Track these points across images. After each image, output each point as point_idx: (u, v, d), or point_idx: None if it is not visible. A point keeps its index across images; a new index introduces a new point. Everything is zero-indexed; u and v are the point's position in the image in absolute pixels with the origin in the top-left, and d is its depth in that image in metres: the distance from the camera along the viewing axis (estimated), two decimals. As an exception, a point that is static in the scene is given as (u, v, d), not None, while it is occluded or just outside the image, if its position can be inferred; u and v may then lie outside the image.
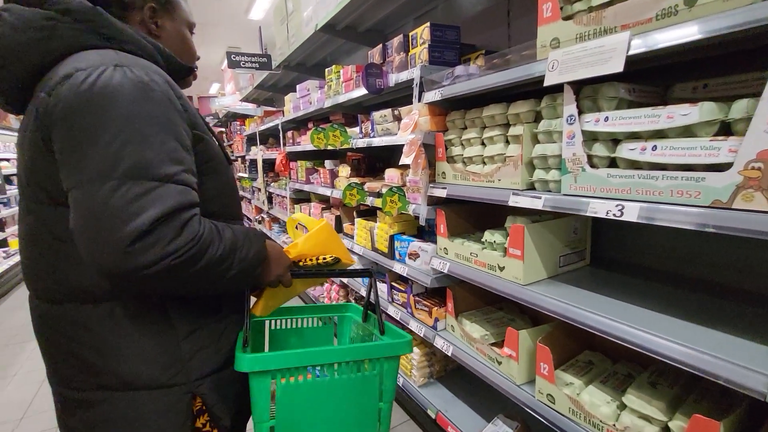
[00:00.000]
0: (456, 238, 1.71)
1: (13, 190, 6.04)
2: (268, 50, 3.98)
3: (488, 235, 1.52)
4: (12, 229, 5.87)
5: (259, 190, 5.11)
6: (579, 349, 1.42)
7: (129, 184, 0.62)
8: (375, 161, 2.90)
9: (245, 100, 5.60)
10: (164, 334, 0.77)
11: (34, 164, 0.70)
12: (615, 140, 1.04)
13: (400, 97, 2.36)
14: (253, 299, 0.94)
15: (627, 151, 0.98)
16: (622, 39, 0.90)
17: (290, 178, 3.69)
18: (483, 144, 1.52)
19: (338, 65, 2.56)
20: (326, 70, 2.65)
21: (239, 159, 6.45)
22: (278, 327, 1.13)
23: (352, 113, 2.86)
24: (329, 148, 2.45)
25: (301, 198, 3.84)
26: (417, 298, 1.99)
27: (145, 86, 0.67)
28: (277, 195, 4.40)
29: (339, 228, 2.81)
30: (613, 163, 1.05)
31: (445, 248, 1.71)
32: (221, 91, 8.05)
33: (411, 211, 1.83)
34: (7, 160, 6.23)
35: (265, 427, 0.80)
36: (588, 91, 1.08)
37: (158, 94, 0.68)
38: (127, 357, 0.74)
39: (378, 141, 2.02)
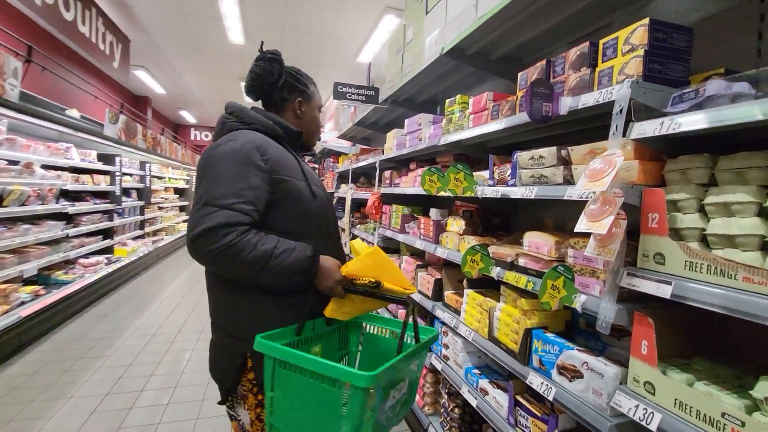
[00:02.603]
0: (671, 367, 0.98)
1: (128, 202, 6.51)
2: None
3: (771, 391, 0.78)
4: (120, 237, 6.24)
5: (343, 230, 4.75)
6: None
7: (203, 209, 1.04)
8: (491, 216, 2.28)
9: (342, 137, 5.44)
10: (241, 302, 1.14)
11: None
12: None
13: (557, 135, 1.73)
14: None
15: None
16: None
17: (380, 223, 3.21)
18: (765, 216, 0.83)
19: (463, 96, 2.05)
20: (447, 101, 2.16)
21: (328, 195, 6.27)
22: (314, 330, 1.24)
23: (469, 155, 2.30)
24: (443, 194, 1.89)
25: (390, 248, 3.31)
26: (567, 441, 1.25)
27: (234, 151, 1.11)
28: (363, 239, 3.94)
29: (439, 296, 2.18)
30: None
31: (649, 382, 0.98)
32: (321, 129, 8.22)
33: (578, 305, 1.14)
34: (130, 175, 6.81)
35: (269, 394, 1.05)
36: None
37: (241, 155, 1.10)
38: (226, 313, 1.17)
39: (522, 191, 1.41)
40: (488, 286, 1.91)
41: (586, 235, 1.26)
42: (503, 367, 1.87)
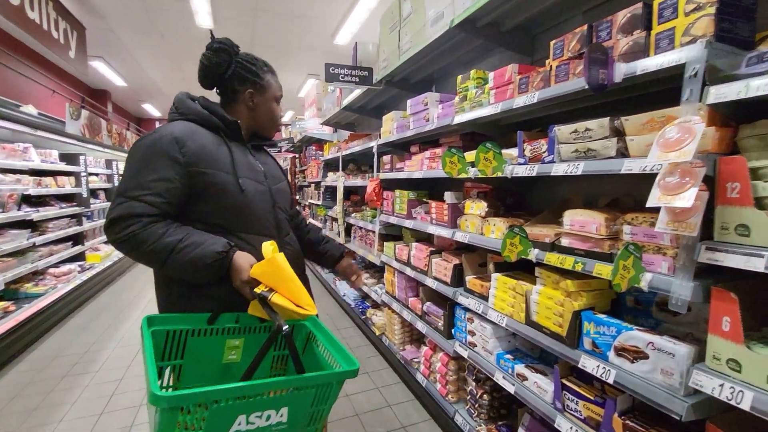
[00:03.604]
0: (752, 342, 0.94)
1: (97, 204, 6.09)
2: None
3: None
4: (91, 243, 5.84)
5: (335, 220, 4.61)
6: None
7: (115, 199, 1.09)
8: (505, 196, 2.21)
9: (326, 123, 5.24)
10: (172, 285, 1.20)
11: None
12: None
13: (587, 107, 1.64)
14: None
15: None
16: None
17: (382, 210, 3.10)
18: None
19: (479, 70, 1.95)
20: (459, 77, 2.05)
21: (312, 185, 6.08)
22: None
23: (481, 134, 2.22)
24: (463, 176, 1.80)
25: (392, 234, 3.22)
26: (630, 423, 1.21)
27: (152, 143, 1.12)
28: (359, 228, 3.83)
29: (459, 282, 2.11)
30: None
31: (733, 360, 0.94)
32: (297, 116, 7.91)
33: (644, 284, 1.09)
34: (96, 174, 6.35)
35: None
36: None
37: (156, 148, 1.11)
38: (161, 296, 1.24)
39: (564, 168, 1.33)
40: (513, 269, 1.85)
41: (643, 210, 1.20)
42: (537, 349, 1.84)
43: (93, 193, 6.18)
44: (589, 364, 1.28)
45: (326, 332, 1.15)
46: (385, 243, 3.11)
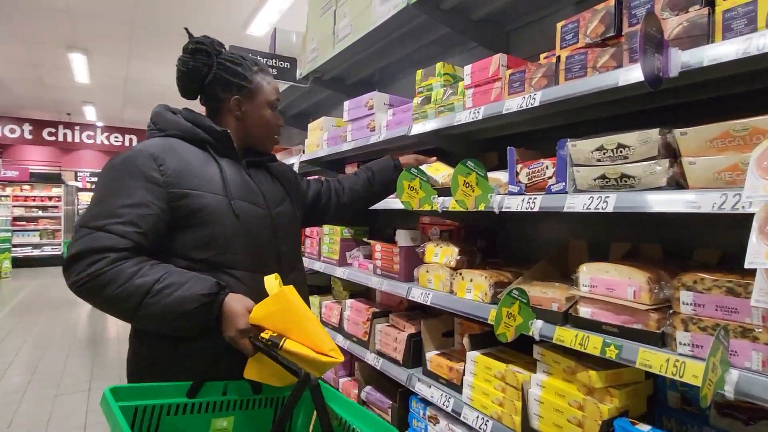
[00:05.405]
0: None
1: None
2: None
3: None
4: None
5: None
6: None
7: (78, 232, 1.03)
8: (475, 236, 1.95)
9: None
10: (141, 346, 1.16)
11: None
12: None
13: (596, 120, 1.41)
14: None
15: None
16: None
17: (305, 252, 2.68)
18: None
19: (448, 64, 1.70)
20: (420, 72, 1.78)
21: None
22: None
23: (445, 152, 1.96)
24: (426, 208, 1.49)
25: (317, 285, 2.80)
26: None
27: (125, 161, 1.09)
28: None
29: (417, 361, 1.75)
30: None
31: None
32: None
33: (730, 389, 0.82)
34: None
35: None
36: None
37: (131, 168, 1.08)
38: (129, 362, 1.20)
39: (583, 202, 1.07)
40: (496, 344, 1.55)
41: (700, 267, 0.97)
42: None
43: None
44: (631, 508, 0.98)
45: (343, 398, 1.07)
46: (310, 297, 2.67)
